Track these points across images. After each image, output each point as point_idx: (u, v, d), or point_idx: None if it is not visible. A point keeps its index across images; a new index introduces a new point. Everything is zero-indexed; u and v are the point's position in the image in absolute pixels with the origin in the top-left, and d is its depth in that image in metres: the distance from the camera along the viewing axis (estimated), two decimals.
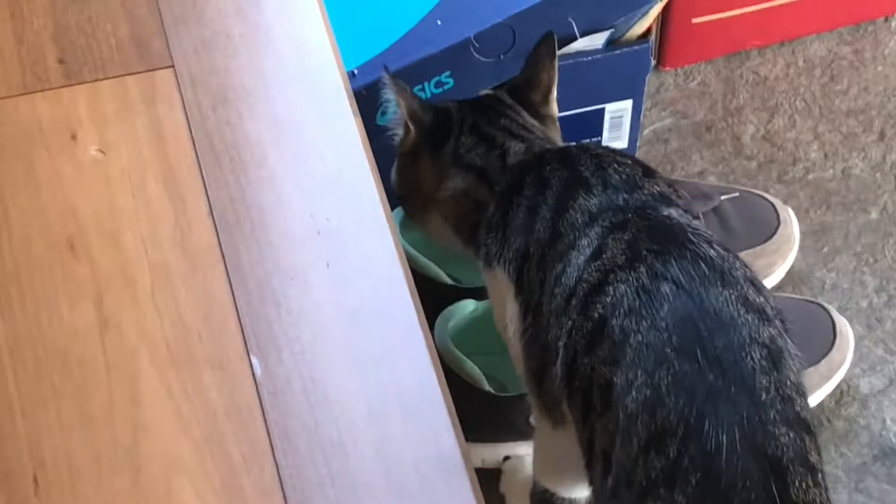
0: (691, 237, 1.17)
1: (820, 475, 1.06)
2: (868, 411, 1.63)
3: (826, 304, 1.66)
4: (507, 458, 1.57)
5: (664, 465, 1.04)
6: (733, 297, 1.12)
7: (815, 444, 1.08)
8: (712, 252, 1.16)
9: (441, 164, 1.37)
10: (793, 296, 1.70)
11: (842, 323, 1.64)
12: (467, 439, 1.03)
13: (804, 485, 1.03)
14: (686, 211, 1.24)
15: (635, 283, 1.13)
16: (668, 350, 1.08)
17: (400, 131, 1.40)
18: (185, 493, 0.97)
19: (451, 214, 1.37)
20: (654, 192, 1.24)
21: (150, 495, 0.97)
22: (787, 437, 1.05)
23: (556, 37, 1.41)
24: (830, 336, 1.62)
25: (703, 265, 1.14)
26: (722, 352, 1.08)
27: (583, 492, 1.41)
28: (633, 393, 1.08)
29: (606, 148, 1.32)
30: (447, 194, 1.36)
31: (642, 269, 1.14)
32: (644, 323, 1.10)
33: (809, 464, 1.05)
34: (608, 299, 1.13)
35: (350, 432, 1.01)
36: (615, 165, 1.26)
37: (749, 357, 1.09)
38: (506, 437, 1.54)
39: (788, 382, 1.10)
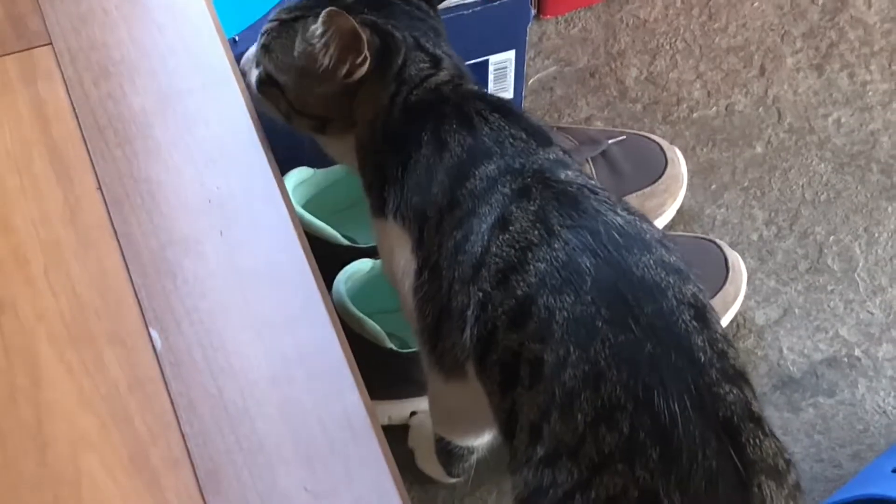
0: (597, 206, 1.17)
1: (765, 423, 1.08)
2: (765, 342, 1.66)
3: (717, 240, 1.69)
4: (413, 413, 1.57)
5: (619, 441, 1.04)
6: (651, 261, 1.13)
7: (752, 391, 1.10)
8: (620, 219, 1.16)
9: (380, 84, 1.30)
10: (684, 233, 1.72)
11: (734, 257, 1.67)
12: (372, 397, 1.04)
13: (756, 440, 1.05)
14: (580, 171, 1.24)
15: (555, 260, 1.13)
16: (600, 323, 1.08)
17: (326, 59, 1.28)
18: (94, 470, 0.97)
19: (363, 138, 1.31)
20: (550, 157, 1.24)
21: (58, 474, 0.97)
22: (732, 395, 1.06)
23: None
24: (723, 271, 1.64)
25: (615, 234, 1.14)
26: (654, 318, 1.09)
27: (480, 439, 1.42)
28: (570, 369, 1.08)
29: (501, 110, 1.30)
30: (370, 114, 1.30)
31: (558, 244, 1.14)
32: (568, 298, 1.10)
33: (755, 416, 1.07)
34: (531, 279, 1.13)
35: (254, 397, 1.01)
36: (510, 139, 1.25)
37: (680, 320, 1.09)
38: (410, 392, 1.55)
39: (718, 336, 1.11)
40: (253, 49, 1.34)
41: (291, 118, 1.32)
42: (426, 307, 1.25)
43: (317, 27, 1.24)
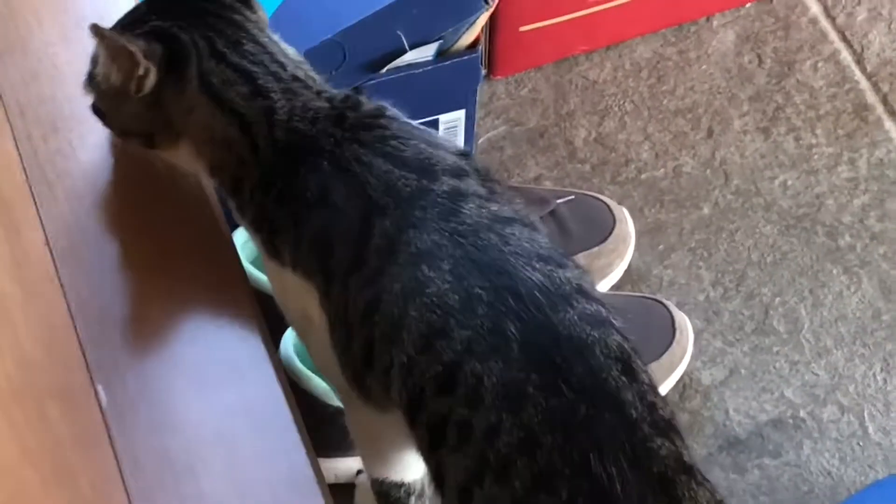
0: (513, 262, 1.15)
1: (697, 472, 1.08)
2: (711, 403, 1.67)
3: (665, 300, 1.69)
4: (360, 471, 1.57)
5: None
6: (575, 316, 1.12)
7: (682, 440, 1.09)
8: (538, 275, 1.14)
9: (186, 95, 1.23)
10: (632, 293, 1.73)
11: (681, 318, 1.67)
12: (319, 455, 1.04)
13: (691, 491, 1.05)
14: (479, 196, 1.20)
15: (479, 328, 1.11)
16: (530, 388, 1.08)
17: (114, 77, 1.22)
18: None
19: (207, 154, 1.23)
20: (445, 189, 1.21)
21: None
22: (664, 448, 1.06)
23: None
24: (670, 331, 1.65)
25: (537, 294, 1.13)
26: (584, 379, 1.08)
27: (413, 474, 1.40)
28: (504, 436, 1.07)
29: (376, 149, 1.21)
30: (198, 129, 1.23)
31: (481, 310, 1.12)
32: (496, 365, 1.09)
33: (687, 466, 1.07)
34: (456, 345, 1.12)
35: (200, 455, 1.01)
36: (402, 181, 1.20)
37: (609, 377, 1.09)
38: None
39: (646, 387, 1.11)
40: None
41: (124, 140, 1.25)
42: (345, 358, 1.23)
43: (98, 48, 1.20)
